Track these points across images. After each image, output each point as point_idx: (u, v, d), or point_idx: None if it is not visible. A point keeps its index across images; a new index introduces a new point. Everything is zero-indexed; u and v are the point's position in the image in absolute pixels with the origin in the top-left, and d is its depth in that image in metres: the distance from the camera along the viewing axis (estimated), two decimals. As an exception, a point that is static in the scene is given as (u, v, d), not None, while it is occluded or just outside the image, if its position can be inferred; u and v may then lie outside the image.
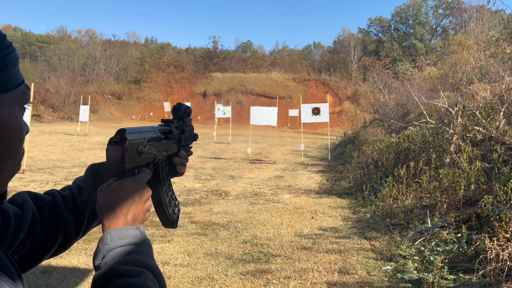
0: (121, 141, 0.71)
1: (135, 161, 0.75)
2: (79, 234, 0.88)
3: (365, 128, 15.88)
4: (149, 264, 0.66)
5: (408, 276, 3.88)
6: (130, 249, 0.66)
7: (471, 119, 7.23)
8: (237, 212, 6.66)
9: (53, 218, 0.82)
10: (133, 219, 0.71)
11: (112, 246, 0.65)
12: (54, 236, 0.82)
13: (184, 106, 1.02)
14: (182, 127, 1.01)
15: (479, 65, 12.82)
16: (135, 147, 0.74)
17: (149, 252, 0.69)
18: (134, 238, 0.67)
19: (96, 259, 0.65)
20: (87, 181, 0.90)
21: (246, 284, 3.84)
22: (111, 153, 0.71)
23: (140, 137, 0.77)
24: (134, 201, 0.72)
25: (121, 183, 0.73)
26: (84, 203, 0.87)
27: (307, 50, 69.03)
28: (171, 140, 0.94)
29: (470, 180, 5.37)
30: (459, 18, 43.40)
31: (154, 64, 46.89)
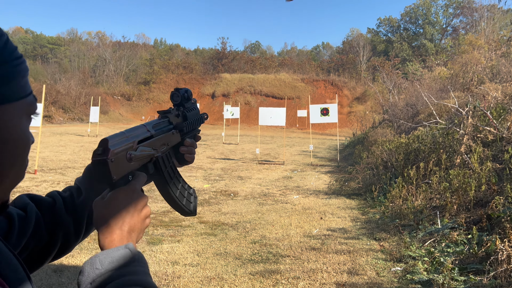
0: (104, 153, 0.67)
1: (125, 168, 0.72)
2: (79, 236, 0.87)
3: (374, 129, 15.80)
4: (142, 282, 0.64)
5: (418, 277, 3.86)
6: (122, 271, 0.63)
7: (482, 120, 7.16)
8: (246, 213, 6.67)
9: (53, 220, 0.82)
10: (130, 230, 0.69)
11: (102, 270, 0.62)
12: (55, 238, 0.82)
13: (182, 91, 0.96)
14: (183, 113, 0.97)
15: (490, 64, 12.69)
16: (122, 155, 0.71)
17: (142, 269, 0.67)
18: (125, 259, 0.65)
19: (82, 284, 0.62)
20: (84, 182, 0.89)
21: (255, 284, 3.85)
22: (96, 167, 0.68)
23: (127, 143, 0.73)
24: (128, 212, 0.70)
25: (113, 195, 0.70)
26: (82, 204, 0.86)
27: (315, 50, 68.89)
28: (170, 132, 0.90)
29: (481, 181, 5.32)
30: (470, 18, 42.99)
31: (163, 65, 47.19)
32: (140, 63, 49.81)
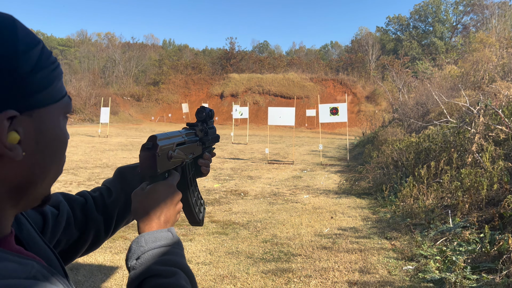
0: (153, 147, 0.74)
1: (165, 165, 0.78)
2: (108, 233, 0.92)
3: (384, 128, 15.73)
4: (181, 264, 0.70)
5: (430, 275, 3.86)
6: (164, 250, 0.70)
7: (494, 118, 7.12)
8: (256, 212, 6.71)
9: (84, 218, 0.87)
10: (166, 221, 0.75)
11: (146, 248, 0.69)
12: (85, 235, 0.86)
13: (207, 109, 1.05)
14: (206, 129, 1.05)
15: (501, 63, 12.57)
16: (165, 152, 0.77)
17: (181, 252, 0.73)
18: (167, 240, 0.71)
19: (130, 260, 0.69)
20: (115, 183, 0.95)
21: (267, 283, 3.89)
22: (144, 159, 0.74)
23: (169, 143, 0.81)
24: (166, 204, 0.76)
25: (154, 187, 0.77)
26: (113, 204, 0.92)
27: (324, 49, 68.69)
28: (196, 143, 0.99)
29: (493, 179, 5.30)
30: (480, 15, 42.52)
31: (172, 66, 47.41)
32: (149, 64, 50.13)
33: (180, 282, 0.67)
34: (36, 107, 0.51)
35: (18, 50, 0.48)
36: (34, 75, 0.50)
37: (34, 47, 0.51)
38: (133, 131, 25.51)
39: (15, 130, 0.48)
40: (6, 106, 0.47)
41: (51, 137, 0.54)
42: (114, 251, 4.68)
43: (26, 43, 0.50)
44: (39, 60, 0.51)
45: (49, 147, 0.54)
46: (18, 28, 0.50)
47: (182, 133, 0.91)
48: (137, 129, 27.65)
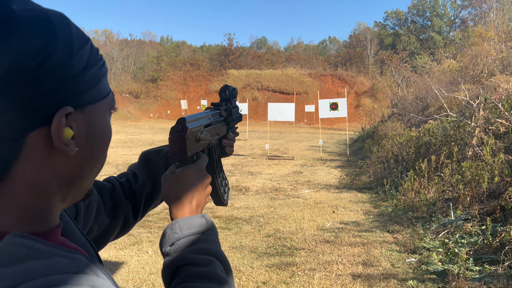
0: (183, 130, 0.73)
1: (194, 148, 0.77)
2: (137, 218, 0.93)
3: (383, 123, 15.76)
4: (216, 252, 0.70)
5: (433, 267, 3.90)
6: (198, 237, 0.70)
7: (493, 112, 7.15)
8: (258, 207, 6.75)
9: (113, 204, 0.88)
10: (197, 205, 0.76)
11: (181, 235, 0.69)
12: (115, 221, 0.88)
13: (230, 88, 1.02)
14: (230, 109, 1.02)
15: (500, 56, 12.60)
16: (194, 134, 0.77)
17: (216, 239, 0.73)
18: (201, 227, 0.71)
19: (164, 246, 0.69)
20: (141, 168, 0.95)
21: (272, 276, 3.93)
22: (174, 142, 0.73)
23: (198, 125, 0.79)
24: (197, 188, 0.76)
25: (184, 170, 0.76)
26: (140, 189, 0.92)
27: (322, 45, 68.58)
28: (221, 123, 0.97)
29: (493, 172, 5.34)
30: (478, 9, 42.49)
31: (170, 63, 47.29)
32: (147, 61, 50.01)
33: (216, 271, 0.67)
34: (88, 104, 0.52)
35: (74, 49, 0.49)
36: (86, 72, 0.51)
37: (85, 45, 0.52)
38: (132, 128, 25.49)
39: (69, 126, 0.49)
40: (64, 103, 0.48)
41: (99, 132, 0.56)
42: (118, 246, 4.71)
43: (78, 41, 0.51)
44: (89, 57, 0.52)
45: (97, 142, 0.56)
46: (72, 27, 0.51)
47: (208, 114, 0.90)
48: (136, 126, 27.62)
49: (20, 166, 0.47)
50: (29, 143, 0.47)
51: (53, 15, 0.49)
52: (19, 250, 0.43)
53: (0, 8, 0.44)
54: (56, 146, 0.48)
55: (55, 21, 0.48)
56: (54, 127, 0.47)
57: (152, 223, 5.65)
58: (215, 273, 0.66)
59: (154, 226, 5.54)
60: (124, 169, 10.07)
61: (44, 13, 0.48)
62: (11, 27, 0.44)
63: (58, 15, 0.50)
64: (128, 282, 3.79)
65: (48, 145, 0.48)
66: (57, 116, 0.47)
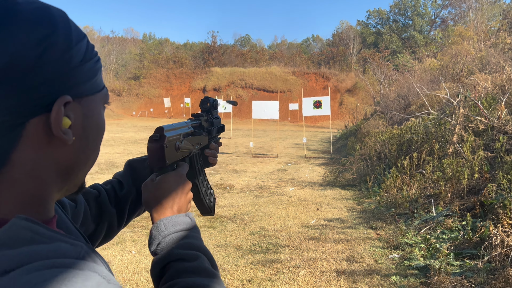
0: (161, 138, 0.74)
1: (174, 156, 0.78)
2: (121, 225, 0.94)
3: (366, 121, 15.94)
4: (202, 247, 0.71)
5: (415, 263, 3.97)
6: (184, 234, 0.71)
7: (473, 110, 7.30)
8: (243, 205, 6.74)
9: (98, 210, 0.88)
10: (178, 210, 0.76)
11: (166, 232, 0.70)
12: (100, 227, 0.88)
13: (211, 99, 1.04)
14: (211, 119, 1.04)
15: (479, 55, 12.86)
16: (173, 143, 0.77)
17: (199, 236, 0.74)
18: (186, 225, 0.73)
19: (152, 245, 0.71)
20: (126, 176, 0.95)
21: (257, 274, 3.93)
22: (153, 150, 0.74)
23: (176, 134, 0.81)
24: (177, 194, 0.77)
25: (164, 177, 0.77)
26: (125, 197, 0.93)
27: (305, 43, 68.90)
28: (202, 134, 0.97)
29: (473, 169, 5.45)
30: (458, 9, 43.33)
31: (153, 60, 46.81)
32: (130, 58, 49.42)
33: (204, 265, 0.68)
34: (85, 95, 0.55)
35: (72, 42, 0.52)
36: (83, 65, 0.54)
37: (82, 39, 0.55)
38: (114, 127, 25.15)
39: (67, 115, 0.51)
40: (63, 92, 0.50)
41: (95, 124, 0.58)
42: (102, 246, 4.63)
43: (77, 35, 0.53)
44: (86, 51, 0.55)
45: (92, 133, 0.58)
46: (70, 22, 0.54)
47: (188, 124, 0.91)
48: (118, 124, 27.26)
49: (20, 153, 0.49)
50: (29, 130, 0.48)
51: (54, 9, 0.52)
52: (24, 233, 0.44)
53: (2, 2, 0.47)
54: (55, 134, 0.50)
55: (56, 15, 0.51)
56: (53, 114, 0.49)
57: (136, 223, 5.59)
58: (203, 267, 0.67)
59: (138, 226, 5.48)
60: (106, 168, 9.94)
61: (46, 6, 0.51)
62: (15, 18, 0.47)
63: (58, 10, 0.53)
64: (111, 282, 3.74)
65: (47, 133, 0.50)
66: (57, 104, 0.49)
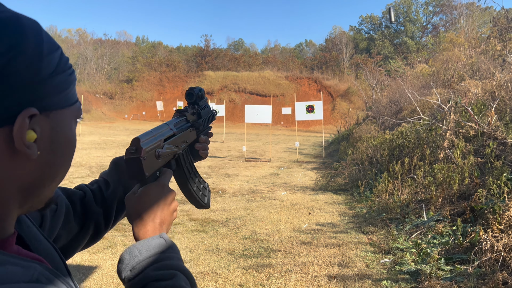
0: (137, 151, 0.72)
1: (154, 165, 0.76)
2: (108, 226, 0.93)
3: (358, 125, 16.02)
4: (179, 266, 0.70)
5: (406, 268, 3.99)
6: (158, 257, 0.70)
7: (464, 115, 7.37)
8: (235, 209, 6.73)
9: (84, 211, 0.86)
10: (161, 223, 0.75)
11: (141, 258, 0.69)
12: (85, 228, 0.86)
13: (196, 90, 1.00)
14: (198, 111, 1.01)
15: (470, 62, 13.01)
16: (152, 153, 0.75)
17: (177, 256, 0.73)
18: (160, 247, 0.71)
19: (124, 271, 0.69)
20: (112, 175, 0.94)
21: (248, 278, 3.92)
22: (130, 164, 0.72)
23: (155, 141, 0.77)
24: (159, 206, 0.76)
25: (145, 190, 0.76)
26: (111, 196, 0.91)
27: (299, 48, 69.16)
28: (188, 130, 0.95)
29: (464, 174, 5.50)
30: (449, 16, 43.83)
31: (146, 63, 46.66)
32: (122, 61, 49.20)
33: (180, 283, 0.67)
34: (54, 108, 0.53)
35: (43, 53, 0.50)
36: (54, 77, 0.52)
37: (55, 51, 0.53)
38: (106, 130, 24.99)
39: (32, 129, 0.49)
40: (28, 104, 0.48)
41: (64, 139, 0.56)
42: (92, 250, 4.60)
43: (49, 46, 0.52)
44: (58, 63, 0.53)
45: (61, 149, 0.55)
46: (43, 32, 0.52)
47: (169, 125, 0.88)
48: (110, 127, 27.10)
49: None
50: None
51: (25, 19, 0.50)
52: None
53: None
54: (18, 148, 0.47)
55: (26, 25, 0.49)
56: (16, 127, 0.47)
57: (127, 226, 5.55)
58: (178, 285, 0.67)
59: (129, 230, 5.44)
60: (98, 171, 9.86)
61: (16, 16, 0.49)
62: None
63: (30, 20, 0.51)
64: (101, 287, 3.71)
65: (9, 146, 0.47)
66: (21, 116, 0.47)
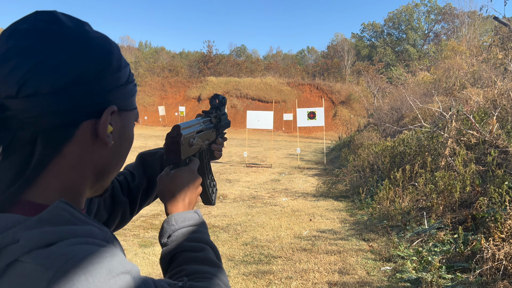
0: (177, 136, 0.81)
1: (187, 152, 0.85)
2: (133, 213, 1.02)
3: (360, 132, 16.02)
4: (208, 241, 0.79)
5: (407, 275, 3.97)
6: (192, 229, 0.78)
7: (465, 123, 7.37)
8: (236, 215, 6.72)
9: (112, 201, 0.94)
10: (189, 203, 0.84)
11: (177, 227, 0.77)
12: (113, 216, 0.95)
13: (220, 96, 1.10)
14: (219, 116, 1.10)
15: (471, 70, 13.04)
16: (187, 140, 0.85)
17: (207, 231, 0.81)
18: (194, 220, 0.79)
19: (162, 237, 0.78)
20: (137, 168, 1.03)
21: (248, 285, 3.90)
22: (170, 147, 0.81)
23: (191, 131, 0.87)
24: (189, 188, 0.84)
25: (178, 172, 0.85)
26: (137, 187, 1.00)
27: (300, 54, 69.39)
28: (211, 129, 1.05)
29: (465, 182, 5.49)
30: (451, 24, 43.94)
31: (148, 68, 46.83)
32: (125, 66, 49.33)
33: (210, 256, 0.75)
34: (125, 110, 0.66)
35: (121, 66, 0.64)
36: (127, 85, 0.65)
37: (127, 65, 0.66)
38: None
39: (110, 123, 0.62)
40: (111, 103, 0.61)
41: (128, 135, 0.68)
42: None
43: (124, 62, 0.66)
44: (129, 75, 0.66)
45: (125, 143, 0.68)
46: (120, 51, 0.65)
47: (200, 121, 0.98)
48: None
49: (70, 148, 0.58)
50: (81, 130, 0.58)
51: (111, 40, 0.64)
52: (64, 214, 0.52)
53: (79, 29, 0.60)
54: (101, 136, 0.60)
55: (112, 44, 0.64)
56: (103, 119, 0.60)
57: (127, 231, 5.55)
58: (209, 258, 0.74)
59: (129, 235, 5.44)
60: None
61: (106, 36, 0.64)
62: (87, 42, 0.59)
63: (113, 41, 0.65)
64: None
65: (93, 135, 0.60)
66: (107, 112, 0.60)
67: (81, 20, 0.62)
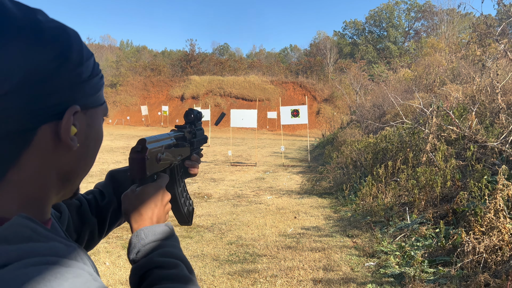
0: (142, 150, 0.75)
1: (154, 168, 0.80)
2: (102, 235, 0.95)
3: (343, 129, 16.16)
4: (181, 256, 0.73)
5: (390, 271, 4.02)
6: (163, 243, 0.73)
7: (445, 119, 7.50)
8: (221, 214, 6.69)
9: (80, 220, 0.89)
10: (157, 221, 0.78)
11: (147, 241, 0.72)
12: (81, 237, 0.89)
13: (195, 111, 1.06)
14: (194, 131, 1.06)
15: (451, 66, 13.27)
16: (154, 155, 0.79)
17: (179, 246, 0.76)
18: (165, 234, 0.74)
19: (131, 253, 0.72)
20: (107, 186, 0.97)
21: (233, 284, 3.89)
22: (134, 162, 0.75)
23: (158, 145, 0.82)
24: (156, 205, 0.79)
25: (144, 189, 0.79)
26: (106, 207, 0.94)
27: (283, 53, 69.57)
28: (185, 145, 0.99)
29: (446, 177, 5.58)
30: (431, 21, 44.69)
31: (130, 68, 46.28)
32: (106, 66, 48.67)
33: (184, 272, 0.70)
34: (90, 107, 0.60)
35: (83, 59, 0.57)
36: (91, 79, 0.59)
37: (91, 57, 0.60)
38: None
39: (74, 124, 0.56)
40: (73, 102, 0.56)
41: (95, 134, 0.63)
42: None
43: (87, 53, 0.59)
44: (93, 68, 0.60)
45: (93, 142, 0.63)
46: (82, 41, 0.59)
47: (171, 135, 0.93)
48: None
49: (28, 156, 0.53)
50: (39, 135, 0.53)
51: (69, 29, 0.57)
52: (24, 231, 0.47)
53: (29, 18, 0.52)
54: (64, 140, 0.55)
55: (71, 34, 0.56)
56: (64, 122, 0.54)
57: (110, 233, 5.47)
58: (182, 275, 0.69)
59: (112, 236, 5.36)
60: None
61: (63, 26, 0.56)
62: (39, 34, 0.52)
63: (73, 30, 0.58)
64: None
65: (54, 139, 0.54)
66: (68, 113, 0.54)
67: (32, 8, 0.53)
